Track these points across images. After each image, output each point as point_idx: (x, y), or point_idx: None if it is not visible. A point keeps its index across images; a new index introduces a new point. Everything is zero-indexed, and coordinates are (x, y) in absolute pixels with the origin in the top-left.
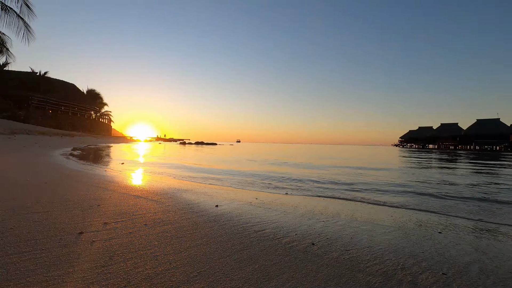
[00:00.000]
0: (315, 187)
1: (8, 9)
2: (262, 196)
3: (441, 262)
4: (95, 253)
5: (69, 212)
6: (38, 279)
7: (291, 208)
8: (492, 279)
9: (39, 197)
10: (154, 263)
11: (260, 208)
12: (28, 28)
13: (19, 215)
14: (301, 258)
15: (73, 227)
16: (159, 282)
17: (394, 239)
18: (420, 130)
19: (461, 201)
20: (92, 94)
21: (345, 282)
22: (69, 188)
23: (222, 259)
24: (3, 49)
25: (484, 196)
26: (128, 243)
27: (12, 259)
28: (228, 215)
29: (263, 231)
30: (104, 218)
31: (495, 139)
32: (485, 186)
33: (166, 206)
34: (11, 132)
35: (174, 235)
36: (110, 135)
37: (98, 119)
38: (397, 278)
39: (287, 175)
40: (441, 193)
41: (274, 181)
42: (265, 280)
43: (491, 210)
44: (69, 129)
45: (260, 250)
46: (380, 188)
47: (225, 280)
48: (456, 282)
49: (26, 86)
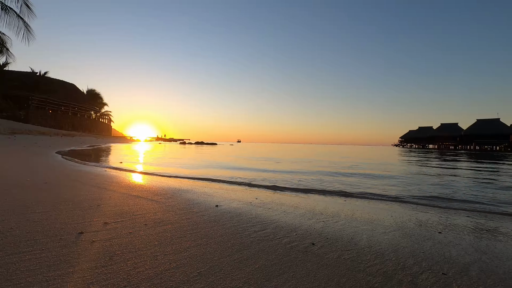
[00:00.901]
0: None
1: (8, 9)
2: (262, 196)
3: (442, 262)
4: (95, 253)
5: (69, 212)
6: (38, 279)
7: (291, 208)
8: (493, 279)
9: (39, 197)
10: (154, 263)
11: (260, 208)
12: (28, 28)
13: (19, 215)
14: (301, 258)
15: (73, 227)
16: (159, 282)
17: (394, 239)
18: (420, 130)
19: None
20: (92, 94)
21: (345, 282)
22: (69, 188)
23: (222, 259)
24: (3, 49)
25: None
26: (128, 243)
27: (12, 259)
28: (228, 215)
29: (263, 231)
30: (104, 218)
31: (495, 139)
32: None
33: (166, 206)
34: (11, 132)
35: (174, 235)
36: (110, 135)
37: (98, 119)
38: (397, 278)
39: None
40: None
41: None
42: (265, 280)
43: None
44: (69, 129)
45: (260, 250)
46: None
47: (225, 280)
48: (456, 282)
49: (26, 86)
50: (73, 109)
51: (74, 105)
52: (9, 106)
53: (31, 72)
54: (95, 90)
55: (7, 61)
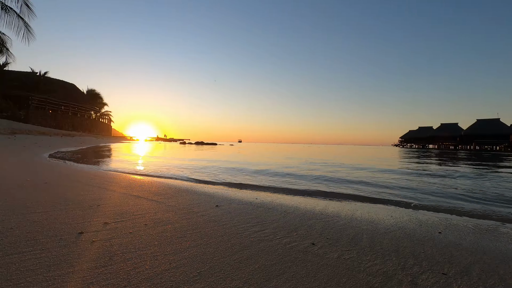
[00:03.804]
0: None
1: (8, 9)
2: (262, 196)
3: (442, 262)
4: (95, 253)
5: (69, 212)
6: (38, 279)
7: (292, 208)
8: (494, 279)
9: (39, 197)
10: (154, 263)
11: (260, 208)
12: (28, 28)
13: (19, 215)
14: (302, 258)
15: (73, 227)
16: (159, 282)
17: (395, 239)
18: (420, 130)
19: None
20: (92, 94)
21: (345, 282)
22: (69, 188)
23: (222, 259)
24: (3, 49)
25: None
26: (128, 243)
27: (12, 259)
28: (228, 215)
29: (263, 231)
30: (104, 218)
31: (495, 139)
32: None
33: (166, 206)
34: (11, 132)
35: (174, 235)
36: (110, 135)
37: (98, 119)
38: (398, 278)
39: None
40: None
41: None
42: (265, 280)
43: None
44: (69, 129)
45: (260, 250)
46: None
47: (226, 280)
48: (456, 282)
49: (26, 86)
50: (73, 109)
51: (74, 105)
52: (9, 106)
53: (31, 72)
54: (95, 90)
55: (7, 61)
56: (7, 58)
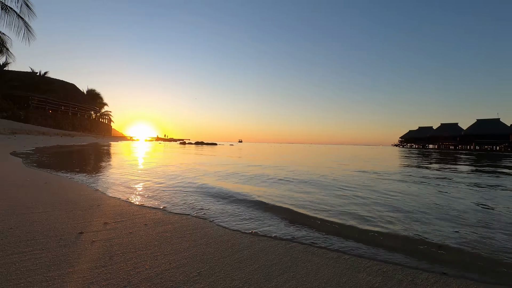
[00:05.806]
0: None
1: (8, 9)
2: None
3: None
4: (95, 253)
5: (69, 212)
6: (38, 279)
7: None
8: (494, 279)
9: (39, 197)
10: (154, 263)
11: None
12: (28, 28)
13: (19, 215)
14: (301, 258)
15: (73, 227)
16: (159, 282)
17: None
18: (420, 130)
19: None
20: (92, 94)
21: (345, 282)
22: (69, 188)
23: (222, 259)
24: (3, 49)
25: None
26: (128, 243)
27: (12, 259)
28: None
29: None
30: (104, 218)
31: (495, 139)
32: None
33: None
34: (11, 132)
35: (174, 235)
36: (110, 135)
37: (98, 119)
38: (397, 278)
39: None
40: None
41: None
42: (265, 280)
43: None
44: (69, 129)
45: (260, 250)
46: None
47: (226, 280)
48: (456, 282)
49: (26, 86)
50: (73, 109)
51: (74, 105)
52: (9, 106)
53: (31, 72)
54: (95, 90)
55: (7, 61)
56: (7, 58)
